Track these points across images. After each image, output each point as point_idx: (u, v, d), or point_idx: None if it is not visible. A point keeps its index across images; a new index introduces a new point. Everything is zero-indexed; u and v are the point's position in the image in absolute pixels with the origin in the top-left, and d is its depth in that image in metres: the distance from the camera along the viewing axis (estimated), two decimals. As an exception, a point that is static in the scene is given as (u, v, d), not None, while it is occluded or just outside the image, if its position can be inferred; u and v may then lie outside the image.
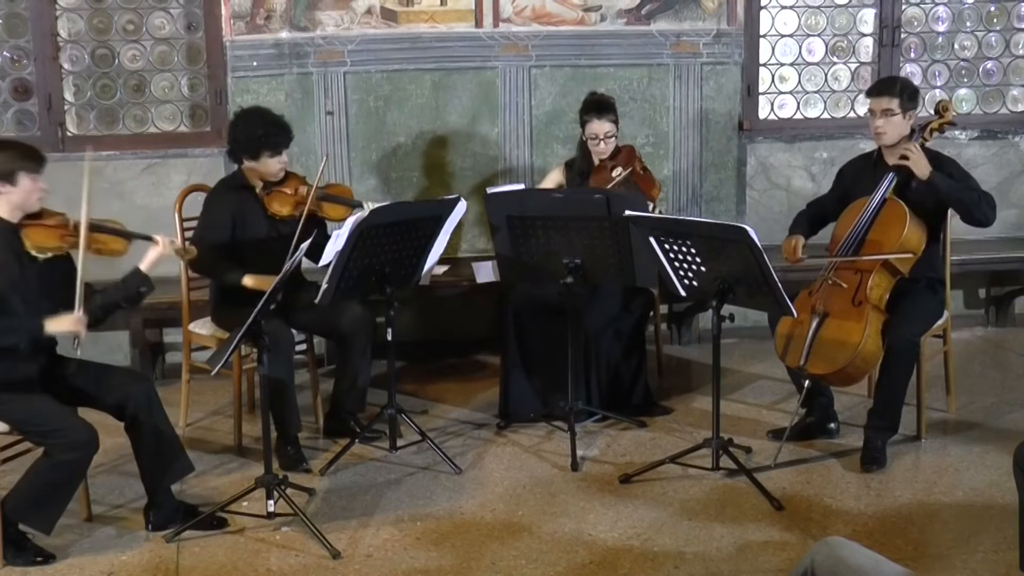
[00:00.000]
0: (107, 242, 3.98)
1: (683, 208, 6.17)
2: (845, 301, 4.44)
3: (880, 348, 4.39)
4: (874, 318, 4.37)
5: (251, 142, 4.70)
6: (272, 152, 4.71)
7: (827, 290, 4.51)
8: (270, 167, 4.74)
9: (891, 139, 4.55)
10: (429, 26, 5.90)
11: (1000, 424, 4.94)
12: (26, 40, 5.75)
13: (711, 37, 6.05)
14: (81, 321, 3.80)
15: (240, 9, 5.73)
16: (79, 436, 3.74)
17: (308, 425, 5.00)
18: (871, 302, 4.40)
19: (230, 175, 4.90)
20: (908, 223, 4.40)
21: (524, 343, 5.05)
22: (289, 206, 4.74)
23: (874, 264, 4.43)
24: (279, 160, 4.74)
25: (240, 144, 4.74)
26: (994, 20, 6.43)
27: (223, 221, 4.72)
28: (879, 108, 4.55)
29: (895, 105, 4.52)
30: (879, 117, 4.55)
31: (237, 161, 4.81)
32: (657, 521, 4.08)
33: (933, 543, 3.94)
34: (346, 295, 4.50)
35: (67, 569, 3.83)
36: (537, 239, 4.65)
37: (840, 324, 4.40)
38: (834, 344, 4.37)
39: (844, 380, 4.46)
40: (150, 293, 4.10)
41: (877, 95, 4.58)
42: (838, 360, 4.34)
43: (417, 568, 3.79)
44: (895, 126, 4.54)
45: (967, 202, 4.47)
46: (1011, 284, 6.40)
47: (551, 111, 6.01)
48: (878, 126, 4.56)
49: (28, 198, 3.83)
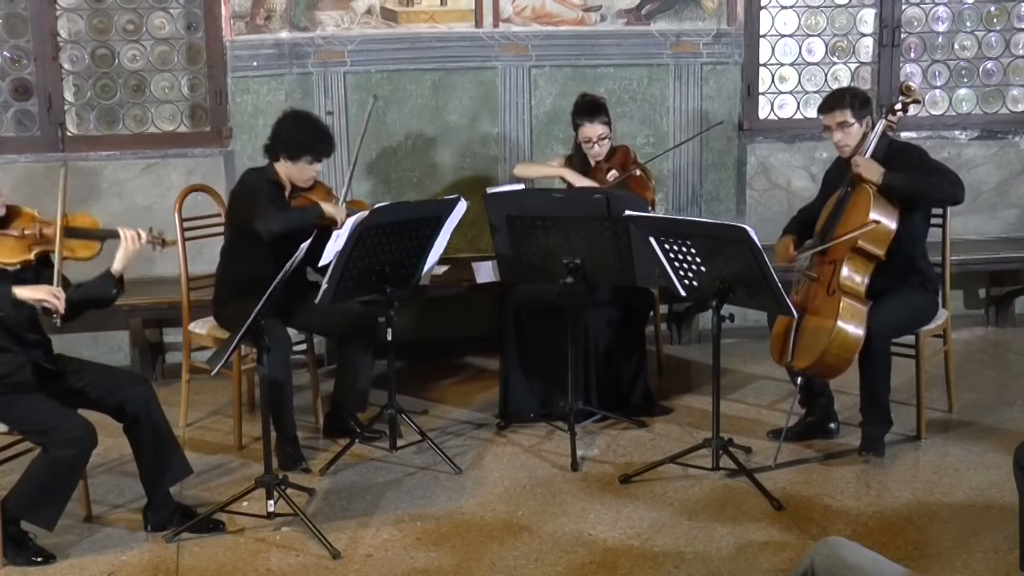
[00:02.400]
0: (75, 249, 3.88)
1: (683, 208, 6.17)
2: (821, 293, 4.48)
3: (859, 336, 4.38)
4: (848, 306, 4.37)
5: (297, 144, 4.69)
6: (314, 159, 4.71)
7: (806, 286, 4.55)
8: (304, 173, 4.74)
9: (852, 149, 4.61)
10: (429, 26, 5.90)
11: (1000, 424, 4.94)
12: (26, 40, 5.75)
13: (711, 37, 6.05)
14: (57, 294, 3.69)
15: (240, 9, 5.73)
16: (74, 432, 3.74)
17: (308, 425, 5.01)
18: (844, 290, 4.41)
19: (261, 167, 4.84)
20: (872, 203, 4.41)
21: (524, 343, 5.06)
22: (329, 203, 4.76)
23: (844, 251, 4.44)
24: (315, 168, 4.76)
25: (284, 143, 4.72)
26: (994, 20, 6.43)
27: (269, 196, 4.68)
28: (834, 122, 4.60)
29: (848, 116, 4.57)
30: (836, 131, 4.60)
31: (273, 157, 4.78)
32: (657, 521, 4.08)
33: (933, 543, 3.94)
34: (346, 295, 4.50)
35: (67, 569, 3.83)
36: (537, 239, 4.66)
37: (817, 316, 4.44)
38: (812, 335, 4.41)
39: (828, 371, 4.47)
40: (120, 296, 4.02)
41: (829, 111, 4.63)
42: (816, 350, 4.37)
43: (417, 568, 3.79)
44: (854, 135, 4.58)
45: (926, 190, 4.49)
46: (1011, 284, 6.40)
47: (551, 111, 6.01)
48: (838, 140, 4.61)
49: None
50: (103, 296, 3.96)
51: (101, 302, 3.99)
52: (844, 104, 4.58)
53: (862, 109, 4.59)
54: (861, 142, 4.57)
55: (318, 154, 4.73)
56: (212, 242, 5.15)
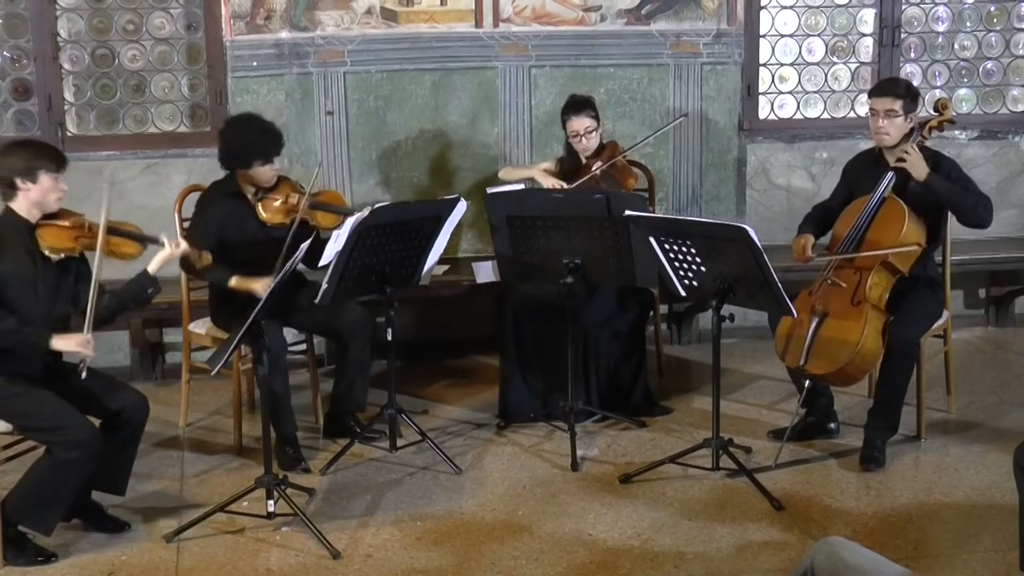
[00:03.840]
0: (120, 245, 4.02)
1: (683, 208, 6.16)
2: (844, 301, 4.44)
3: (880, 348, 4.39)
4: (873, 317, 4.37)
5: (241, 151, 4.67)
6: (263, 161, 4.67)
7: (826, 290, 4.51)
8: (262, 175, 4.70)
9: (893, 140, 4.56)
10: (429, 26, 5.89)
11: (1000, 424, 4.94)
12: (26, 40, 5.75)
13: (711, 37, 6.05)
14: (88, 343, 3.81)
15: (240, 9, 5.73)
16: (81, 435, 3.75)
17: (308, 425, 5.00)
18: (870, 301, 4.40)
19: (224, 178, 4.84)
20: (907, 222, 4.40)
21: (524, 343, 5.05)
22: (280, 214, 4.71)
23: (873, 262, 4.43)
24: (271, 168, 4.71)
25: (231, 152, 4.70)
26: (994, 20, 6.43)
27: (212, 224, 4.70)
28: (882, 108, 4.55)
29: (898, 106, 4.52)
30: (882, 118, 4.54)
31: (229, 168, 4.77)
32: (657, 521, 4.08)
33: (933, 543, 3.94)
34: (346, 295, 4.50)
35: (67, 569, 3.83)
36: (537, 239, 4.66)
37: (839, 324, 4.40)
38: (833, 344, 4.37)
39: (844, 380, 4.46)
40: (157, 294, 4.15)
41: (880, 95, 4.58)
42: (838, 360, 4.34)
43: (417, 568, 3.79)
44: (897, 127, 4.54)
45: (963, 205, 4.48)
46: (1011, 284, 6.40)
47: (551, 111, 6.00)
48: (881, 127, 4.56)
49: (46, 197, 3.86)
50: (139, 294, 4.08)
51: (140, 300, 4.14)
52: (898, 93, 4.54)
53: (912, 103, 4.56)
54: (900, 141, 4.53)
55: (267, 155, 4.66)
56: (212, 242, 5.16)
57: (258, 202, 4.74)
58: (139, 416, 4.02)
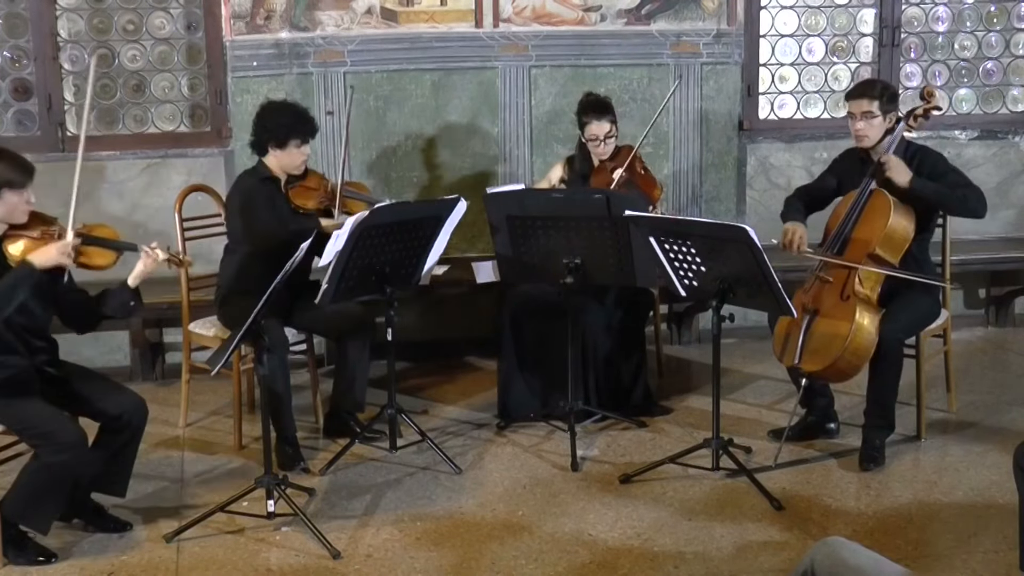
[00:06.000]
0: (92, 256, 3.88)
1: (683, 208, 6.17)
2: (834, 296, 4.45)
3: (872, 342, 4.38)
4: (863, 311, 4.36)
5: (281, 129, 4.72)
6: (301, 141, 4.74)
7: (817, 287, 4.52)
8: (295, 158, 4.76)
9: (871, 141, 4.57)
10: (429, 26, 5.90)
11: (1000, 424, 4.94)
12: (26, 40, 5.75)
13: (711, 37, 6.05)
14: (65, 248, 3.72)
15: (240, 9, 5.73)
16: (67, 439, 3.74)
17: (308, 425, 5.01)
18: (859, 296, 4.40)
19: (252, 167, 4.86)
20: (892, 213, 4.39)
21: (523, 343, 5.05)
22: (314, 200, 4.83)
23: (861, 256, 4.42)
24: (304, 151, 4.77)
25: (269, 132, 4.74)
26: (994, 20, 6.44)
27: (266, 206, 4.72)
28: (859, 111, 4.56)
29: (875, 107, 4.53)
30: (859, 120, 4.56)
31: (261, 152, 4.79)
32: (657, 521, 4.08)
33: (933, 543, 3.94)
34: (346, 295, 4.50)
35: (67, 569, 3.83)
36: (537, 239, 4.66)
37: (830, 319, 4.41)
38: (824, 339, 4.38)
39: (838, 375, 4.46)
40: (139, 308, 4.05)
41: (856, 97, 4.59)
42: (829, 355, 4.35)
43: (417, 568, 3.79)
44: (876, 128, 4.55)
45: (950, 203, 4.51)
46: (1011, 284, 6.40)
47: (551, 111, 6.01)
48: (859, 128, 4.57)
49: (13, 212, 3.78)
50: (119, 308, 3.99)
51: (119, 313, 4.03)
52: (874, 94, 4.54)
53: (890, 104, 4.56)
54: (881, 139, 4.54)
55: (304, 135, 4.75)
56: (212, 242, 5.16)
57: (290, 189, 4.80)
58: (138, 420, 4.02)
